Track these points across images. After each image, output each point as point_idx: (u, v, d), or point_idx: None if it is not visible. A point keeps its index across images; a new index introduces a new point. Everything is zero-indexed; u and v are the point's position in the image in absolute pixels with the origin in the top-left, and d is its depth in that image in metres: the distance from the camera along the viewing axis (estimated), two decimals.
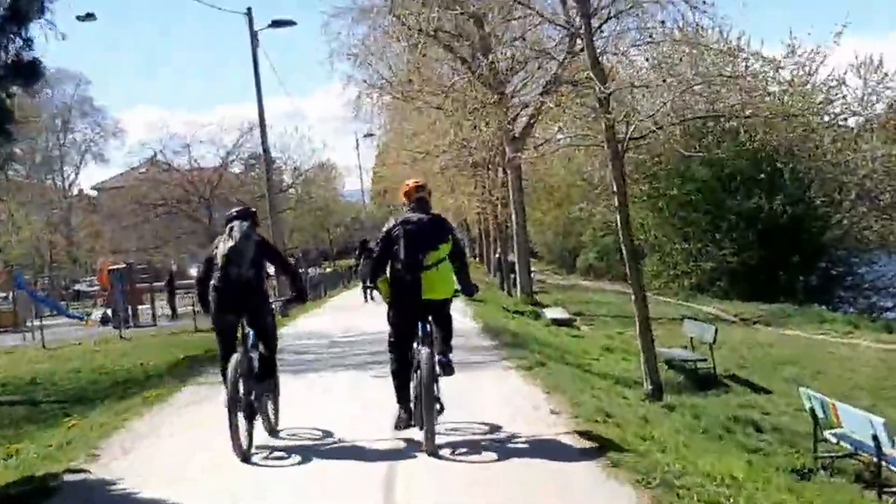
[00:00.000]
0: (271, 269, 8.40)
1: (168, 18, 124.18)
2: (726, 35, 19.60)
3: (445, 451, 6.77)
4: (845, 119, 31.87)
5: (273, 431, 7.64)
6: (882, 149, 30.91)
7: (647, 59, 10.14)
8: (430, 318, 7.20)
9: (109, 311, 31.69)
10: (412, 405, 7.19)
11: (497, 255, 38.45)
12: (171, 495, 6.01)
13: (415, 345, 7.22)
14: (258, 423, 7.27)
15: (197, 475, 6.58)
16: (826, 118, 29.60)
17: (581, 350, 16.38)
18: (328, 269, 52.39)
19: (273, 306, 8.16)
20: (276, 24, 23.94)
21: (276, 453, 7.09)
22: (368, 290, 23.28)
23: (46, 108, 66.28)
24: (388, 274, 7.25)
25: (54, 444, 8.06)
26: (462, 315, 17.29)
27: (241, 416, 6.87)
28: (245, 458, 6.84)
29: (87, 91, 70.90)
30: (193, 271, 45.46)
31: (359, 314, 20.88)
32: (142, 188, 43.25)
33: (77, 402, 12.82)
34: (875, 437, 8.13)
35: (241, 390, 6.92)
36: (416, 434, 7.02)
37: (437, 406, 6.97)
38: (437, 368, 6.90)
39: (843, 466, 8.67)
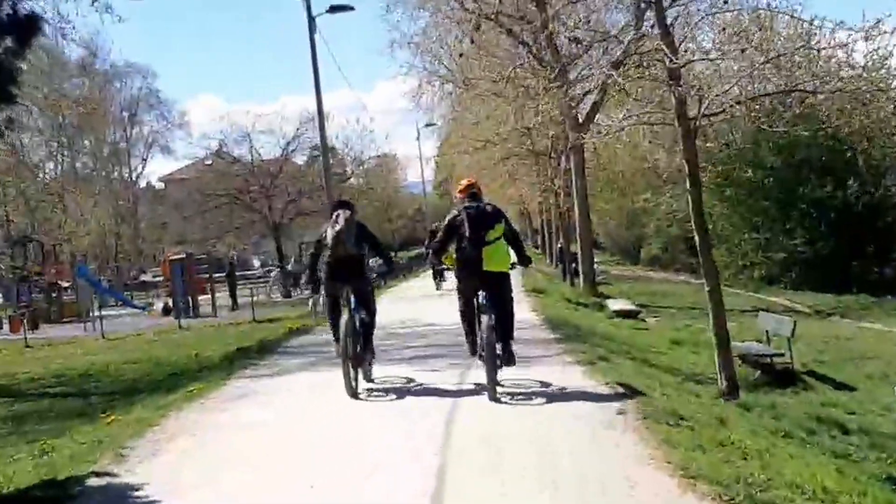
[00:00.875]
0: None
1: (231, 5, 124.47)
2: (798, 15, 18.61)
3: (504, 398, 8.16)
4: None
5: (369, 378, 9.39)
6: None
7: (723, 29, 9.29)
8: (491, 291, 8.53)
9: (171, 302, 31.73)
10: (477, 340, 8.65)
11: (559, 246, 37.71)
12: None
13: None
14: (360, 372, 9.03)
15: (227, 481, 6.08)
16: None
17: (647, 343, 15.60)
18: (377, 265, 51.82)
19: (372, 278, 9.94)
20: (334, 9, 23.46)
21: (375, 393, 9.02)
22: (439, 277, 25.14)
23: (114, 101, 67.46)
24: (453, 252, 8.85)
25: (87, 442, 7.64)
26: (522, 306, 16.88)
27: (350, 364, 8.74)
28: (354, 395, 8.72)
29: (153, 84, 71.65)
30: (256, 262, 45.99)
31: (418, 305, 20.37)
32: (205, 179, 43.34)
33: (127, 395, 12.62)
34: None
35: (350, 344, 8.69)
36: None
37: (499, 363, 8.38)
38: (499, 354, 8.36)
39: None
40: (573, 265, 31.07)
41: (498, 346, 8.35)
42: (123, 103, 69.73)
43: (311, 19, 23.48)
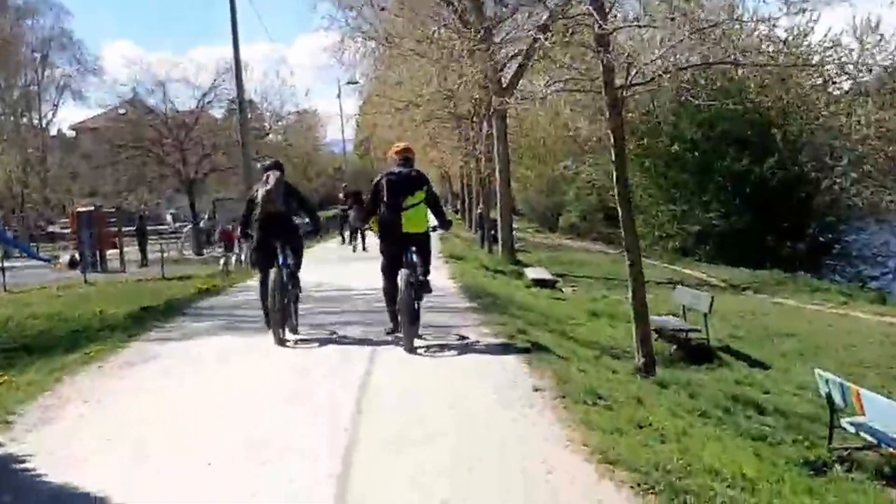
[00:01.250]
0: None
1: None
2: None
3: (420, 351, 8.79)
4: (839, 83, 30.98)
5: (294, 330, 10.21)
6: (876, 114, 30.05)
7: None
8: (412, 249, 9.26)
9: (78, 255, 30.66)
10: (398, 317, 9.24)
11: (478, 212, 37.57)
12: (84, 482, 5.10)
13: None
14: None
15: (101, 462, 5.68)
16: (820, 81, 28.66)
17: (565, 315, 15.50)
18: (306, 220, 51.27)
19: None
20: None
21: (300, 343, 9.75)
22: (361, 238, 26.41)
23: (25, 40, 64.55)
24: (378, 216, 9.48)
25: None
26: (440, 272, 16.83)
27: (278, 315, 9.63)
28: (281, 343, 9.54)
29: (67, 23, 68.72)
30: (169, 217, 44.92)
31: (336, 268, 19.94)
32: (118, 129, 41.92)
33: (25, 352, 11.96)
34: None
35: (278, 297, 9.58)
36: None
37: (416, 316, 9.20)
38: (415, 287, 9.03)
39: (860, 459, 7.79)
40: (492, 232, 30.95)
41: (416, 305, 9.18)
42: (35, 43, 66.83)
43: None
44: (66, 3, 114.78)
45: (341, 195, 32.53)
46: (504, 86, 22.22)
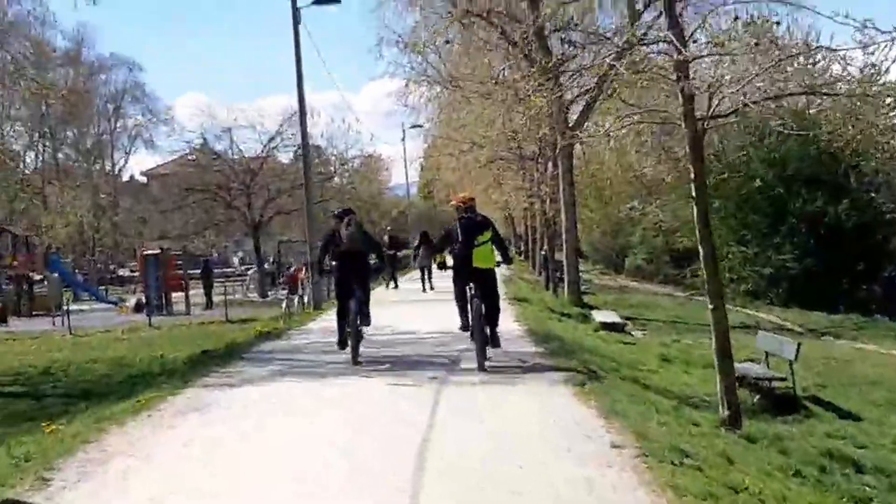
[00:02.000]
0: None
1: (221, 5, 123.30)
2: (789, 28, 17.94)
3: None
4: None
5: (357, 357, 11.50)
6: None
7: (735, 18, 8.46)
8: (479, 285, 10.79)
9: (144, 298, 30.83)
10: (469, 321, 10.83)
11: (543, 253, 36.93)
12: None
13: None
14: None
15: None
16: None
17: (636, 360, 14.80)
18: (372, 262, 51.23)
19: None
20: (320, 0, 22.64)
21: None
22: (428, 278, 27.11)
23: (99, 93, 66.50)
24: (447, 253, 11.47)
25: (18, 457, 6.77)
26: (506, 315, 16.25)
27: (353, 341, 11.34)
28: (356, 363, 11.05)
29: (139, 77, 70.93)
30: (236, 260, 45.45)
31: (395, 310, 19.55)
32: (187, 174, 42.45)
33: (83, 398, 11.92)
34: None
35: (353, 325, 11.33)
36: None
37: (486, 339, 10.65)
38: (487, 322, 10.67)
39: None
40: (557, 273, 30.30)
41: (486, 330, 10.67)
42: (108, 95, 69.00)
43: (296, 10, 22.67)
44: (140, 58, 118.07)
45: (385, 238, 32.48)
46: (570, 125, 21.80)
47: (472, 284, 10.82)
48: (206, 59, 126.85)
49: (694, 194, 8.80)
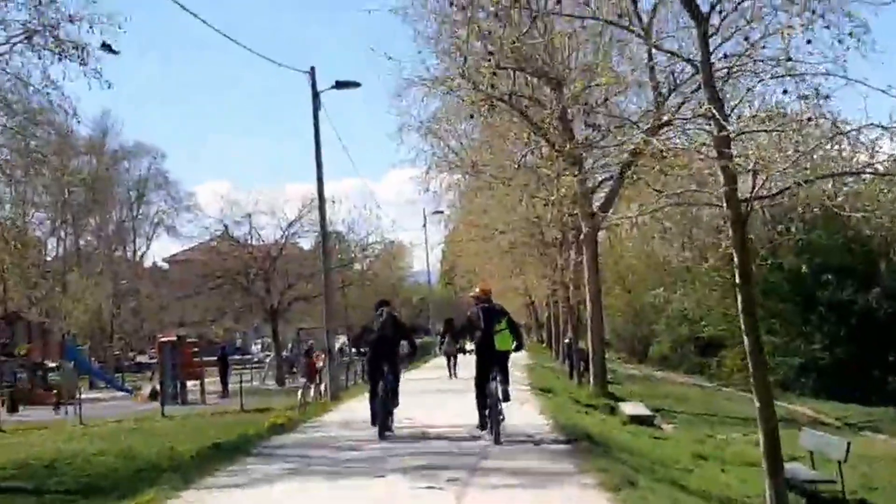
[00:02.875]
0: None
1: (240, 94, 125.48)
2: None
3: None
4: None
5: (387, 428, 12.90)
6: None
7: (784, 91, 7.92)
8: (498, 366, 12.30)
9: (158, 386, 30.28)
10: (487, 419, 12.22)
11: (566, 341, 36.14)
12: None
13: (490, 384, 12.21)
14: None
15: None
16: None
17: (669, 457, 13.96)
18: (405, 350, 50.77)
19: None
20: (341, 84, 22.55)
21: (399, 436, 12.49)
22: (454, 365, 28.11)
23: (122, 180, 67.23)
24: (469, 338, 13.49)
25: None
26: (529, 407, 16.40)
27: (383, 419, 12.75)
28: (383, 437, 12.45)
29: (162, 165, 71.68)
30: (255, 347, 45.26)
31: (418, 401, 18.80)
32: (206, 261, 42.38)
33: (85, 495, 11.35)
34: None
35: (382, 405, 12.75)
36: None
37: (501, 417, 11.96)
38: (501, 396, 12.05)
39: None
40: (581, 362, 29.53)
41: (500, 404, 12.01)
42: (131, 182, 69.74)
43: (316, 95, 22.59)
44: (164, 147, 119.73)
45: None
46: (594, 212, 21.38)
47: (494, 368, 12.20)
48: (229, 146, 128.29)
49: (738, 280, 8.17)
